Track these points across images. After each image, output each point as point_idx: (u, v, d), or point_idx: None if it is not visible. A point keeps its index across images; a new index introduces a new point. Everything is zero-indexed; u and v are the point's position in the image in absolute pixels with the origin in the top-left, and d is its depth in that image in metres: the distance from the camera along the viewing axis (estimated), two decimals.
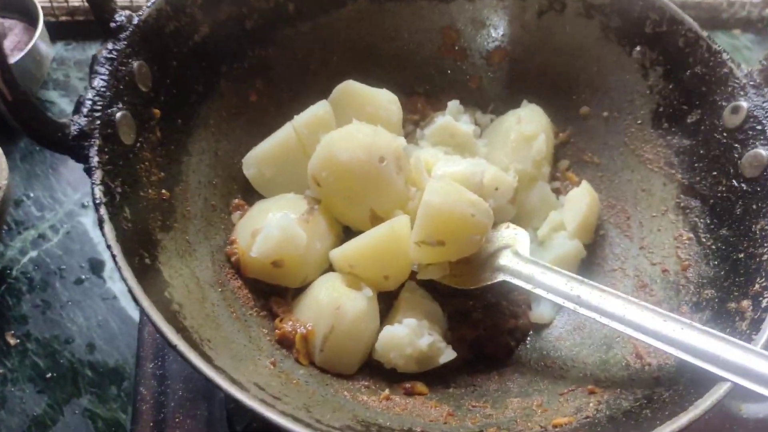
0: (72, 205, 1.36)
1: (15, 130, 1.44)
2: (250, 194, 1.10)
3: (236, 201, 1.07)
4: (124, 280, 0.70)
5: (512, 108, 1.25)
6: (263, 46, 1.14)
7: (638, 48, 1.12)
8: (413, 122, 1.26)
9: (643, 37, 1.11)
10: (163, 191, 0.91)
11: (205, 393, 1.04)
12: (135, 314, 1.20)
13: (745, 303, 0.84)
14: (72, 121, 0.78)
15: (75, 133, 0.77)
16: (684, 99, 1.07)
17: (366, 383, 0.94)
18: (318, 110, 1.08)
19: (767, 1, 1.93)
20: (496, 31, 1.25)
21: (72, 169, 1.41)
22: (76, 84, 1.59)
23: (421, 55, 1.28)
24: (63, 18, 1.67)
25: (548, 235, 1.10)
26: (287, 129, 1.07)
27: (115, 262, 0.71)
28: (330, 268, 1.02)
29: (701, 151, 1.03)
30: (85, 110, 0.80)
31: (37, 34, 1.40)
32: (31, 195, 1.36)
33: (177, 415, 1.02)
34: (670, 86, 1.09)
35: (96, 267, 1.27)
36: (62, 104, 1.54)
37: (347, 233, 1.07)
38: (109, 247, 0.72)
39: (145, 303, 0.69)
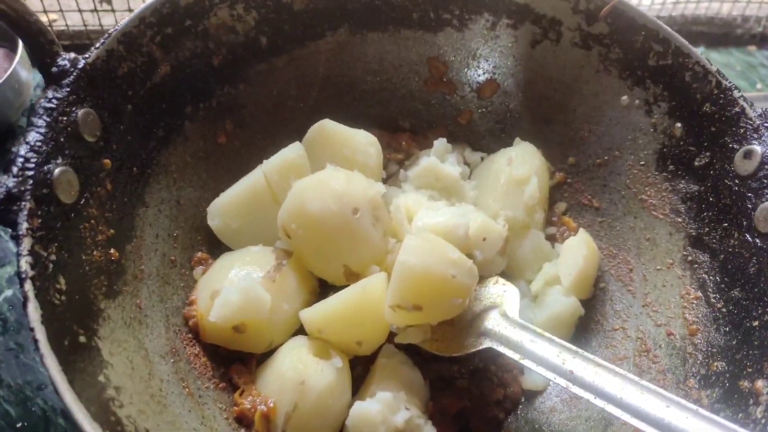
0: None
1: None
2: (217, 246, 1.02)
3: (199, 255, 0.99)
4: (45, 368, 0.61)
5: (504, 144, 1.16)
6: (233, 84, 1.06)
7: (640, 82, 1.03)
8: (397, 161, 1.17)
9: (646, 70, 1.02)
10: (112, 251, 0.83)
11: None
12: None
13: (760, 384, 0.74)
14: None
15: (1, 196, 0.69)
16: (691, 139, 0.97)
17: None
18: (290, 154, 1.00)
19: None
20: (487, 62, 1.16)
21: None
22: None
23: (407, 89, 1.19)
24: None
25: (542, 290, 1.00)
26: (256, 174, 0.99)
27: (37, 348, 0.62)
28: (302, 328, 0.93)
29: (711, 199, 0.94)
30: (14, 169, 0.72)
31: (16, 60, 1.34)
32: (8, 230, 1.29)
33: None
34: (676, 125, 0.99)
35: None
36: None
37: (324, 286, 0.99)
38: (32, 329, 0.63)
39: (68, 397, 0.60)
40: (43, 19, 1.52)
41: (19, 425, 1.04)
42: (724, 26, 1.88)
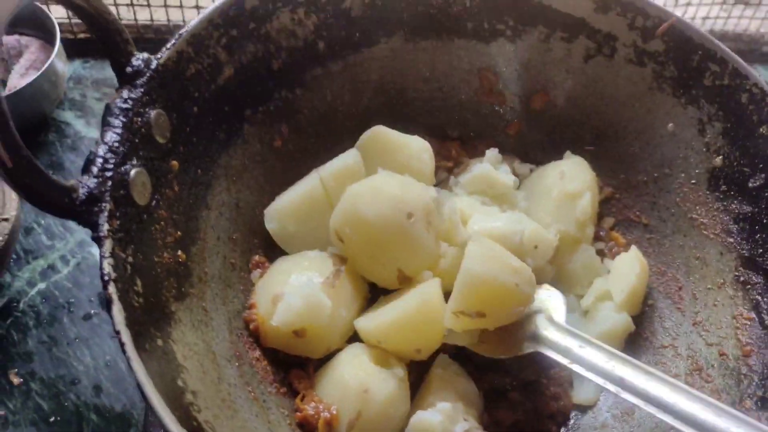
0: (83, 234, 1.28)
1: None
2: (272, 249, 1.02)
3: (256, 258, 0.99)
4: (133, 372, 0.62)
5: (553, 157, 1.16)
6: (290, 88, 1.06)
7: (695, 101, 1.04)
8: (446, 169, 1.18)
9: (702, 89, 1.03)
10: (179, 253, 0.83)
11: None
12: None
13: None
14: (80, 183, 0.71)
15: (83, 197, 0.70)
16: (746, 161, 0.98)
17: None
18: (348, 160, 1.01)
19: None
20: (539, 75, 1.17)
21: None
22: (93, 105, 1.52)
23: (457, 98, 1.20)
24: (81, 35, 1.60)
25: (593, 306, 1.01)
26: (313, 179, 1.00)
27: (124, 352, 0.63)
28: (355, 334, 0.94)
29: (764, 221, 0.95)
30: (95, 169, 0.72)
31: (54, 53, 1.34)
32: (42, 222, 1.29)
33: None
34: (730, 145, 1.00)
35: (105, 302, 1.20)
36: (77, 125, 1.47)
37: (374, 290, 1.00)
38: (117, 332, 0.64)
39: (156, 403, 0.60)
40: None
41: (51, 419, 1.05)
42: (751, 42, 1.90)
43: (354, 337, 0.95)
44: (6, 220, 1.07)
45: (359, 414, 0.81)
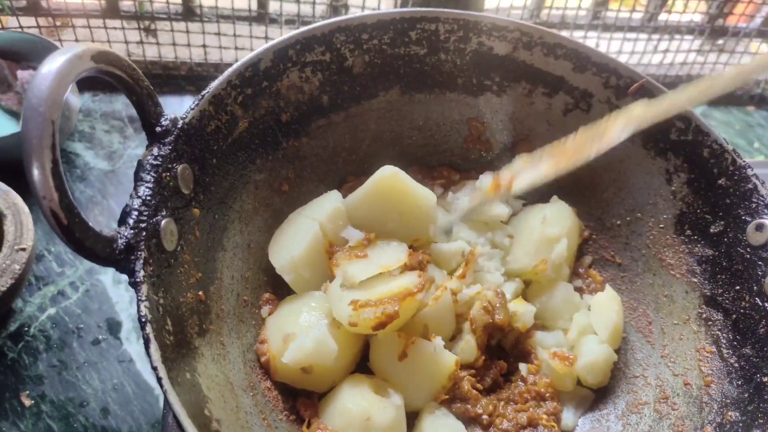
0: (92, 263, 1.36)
1: None
2: (279, 286, 1.11)
3: (266, 296, 1.08)
4: (170, 405, 0.71)
5: (534, 197, 1.27)
6: (297, 137, 1.16)
7: (662, 153, 1.15)
8: (440, 185, 1.27)
9: (669, 143, 1.14)
10: (200, 293, 0.92)
11: None
12: (150, 379, 1.21)
13: None
14: (119, 233, 0.80)
15: (122, 246, 0.79)
16: (707, 208, 1.09)
17: None
18: (335, 203, 1.10)
19: None
20: (522, 125, 1.28)
21: None
22: (101, 136, 1.61)
23: (448, 145, 1.30)
24: None
25: (577, 340, 1.11)
26: (313, 228, 1.07)
27: (161, 385, 0.72)
28: (356, 370, 1.03)
29: (724, 264, 1.05)
30: (131, 221, 0.81)
31: (69, 88, 1.42)
32: (52, 250, 1.37)
33: None
34: (694, 194, 1.11)
35: (113, 328, 1.28)
36: (87, 157, 1.56)
37: None
38: (155, 368, 0.72)
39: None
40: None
41: None
42: None
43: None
44: (23, 249, 1.14)
45: None
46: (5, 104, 1.51)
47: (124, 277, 1.31)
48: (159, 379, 0.72)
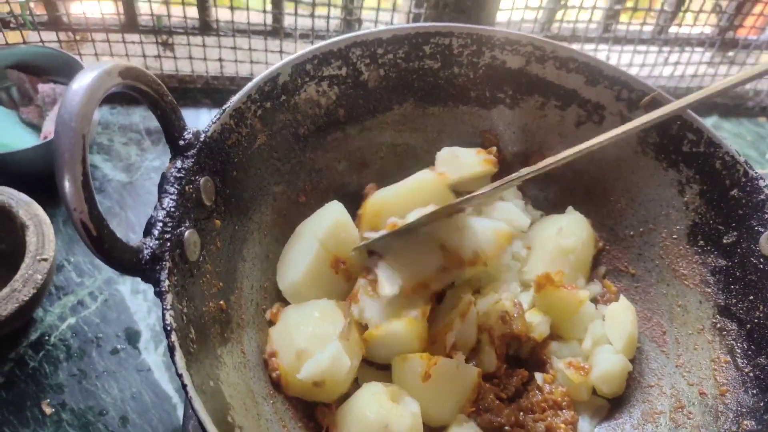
0: (110, 272, 1.39)
1: (57, 194, 1.48)
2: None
3: (274, 309, 1.09)
4: (194, 412, 0.72)
5: (548, 210, 1.29)
6: (313, 150, 1.18)
7: (674, 165, 1.16)
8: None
9: (681, 154, 1.15)
10: (221, 302, 0.94)
11: None
12: (168, 388, 1.23)
13: None
14: (144, 244, 0.82)
15: (148, 257, 0.81)
16: (720, 219, 1.10)
17: None
18: (336, 215, 1.10)
19: None
20: (535, 137, 1.30)
21: None
22: (120, 149, 1.64)
23: None
24: None
25: (592, 350, 1.12)
26: (313, 247, 1.07)
27: (186, 392, 0.73)
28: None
29: (737, 274, 1.06)
30: (156, 232, 0.83)
31: (98, 104, 1.45)
32: (72, 260, 1.40)
33: None
34: (706, 205, 1.12)
35: (132, 337, 1.30)
36: (105, 168, 1.59)
37: None
38: (180, 376, 0.74)
39: None
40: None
41: None
42: (737, 98, 2.04)
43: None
44: (45, 260, 1.17)
45: None
46: (26, 117, 1.54)
47: (143, 287, 1.35)
48: (184, 386, 0.74)
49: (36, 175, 1.33)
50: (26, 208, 1.23)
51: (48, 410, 1.17)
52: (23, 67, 1.56)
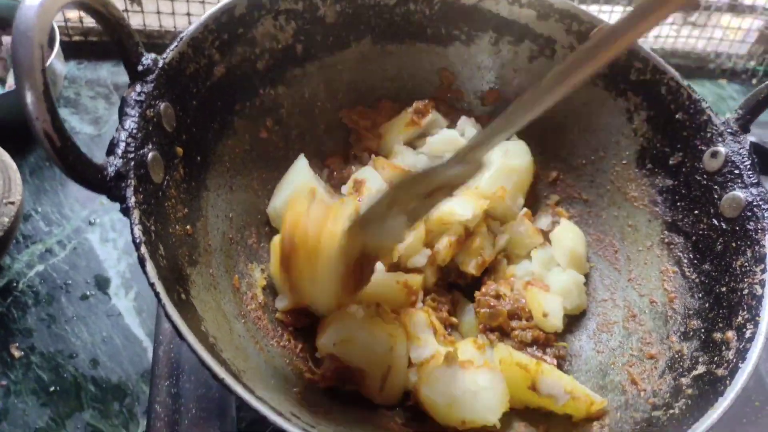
0: (79, 221, 1.38)
1: (26, 145, 1.47)
2: (262, 226, 1.15)
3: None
4: (168, 317, 0.73)
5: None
6: (273, 86, 1.19)
7: (623, 93, 1.21)
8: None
9: (629, 83, 1.20)
10: (188, 227, 0.94)
11: (218, 412, 1.07)
12: (139, 332, 1.23)
13: (730, 334, 0.92)
14: (108, 162, 0.82)
15: (112, 174, 0.81)
16: (666, 142, 1.16)
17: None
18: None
19: (751, 53, 2.06)
20: (490, 73, 1.33)
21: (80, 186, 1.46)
22: (87, 102, 1.63)
23: (420, 95, 1.34)
24: (76, 38, 1.72)
25: (542, 273, 1.17)
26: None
27: (159, 299, 0.74)
28: None
29: (683, 191, 1.12)
30: (119, 151, 0.83)
31: (53, 55, 1.42)
32: (39, 210, 1.38)
33: None
34: (653, 130, 1.17)
35: (102, 284, 1.29)
36: (72, 121, 1.57)
37: None
38: (152, 284, 0.75)
39: (191, 338, 0.72)
40: (73, 16, 1.65)
41: (51, 389, 1.14)
42: (699, 60, 2.08)
43: None
44: (12, 203, 1.14)
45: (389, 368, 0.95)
46: None
47: (112, 236, 1.35)
48: (156, 294, 0.75)
49: (2, 123, 1.31)
50: None
51: (17, 353, 1.16)
52: None
